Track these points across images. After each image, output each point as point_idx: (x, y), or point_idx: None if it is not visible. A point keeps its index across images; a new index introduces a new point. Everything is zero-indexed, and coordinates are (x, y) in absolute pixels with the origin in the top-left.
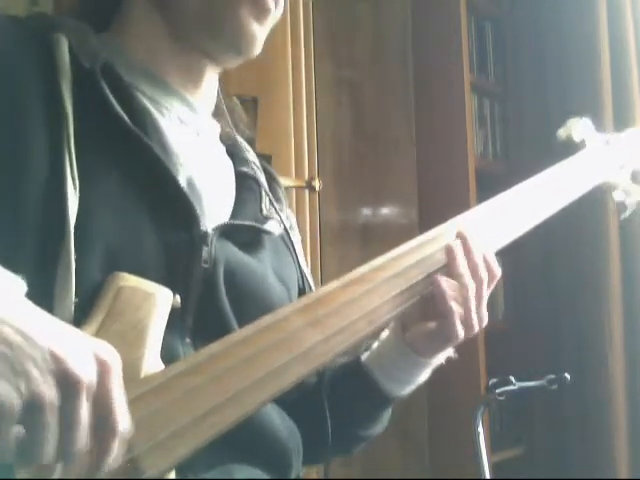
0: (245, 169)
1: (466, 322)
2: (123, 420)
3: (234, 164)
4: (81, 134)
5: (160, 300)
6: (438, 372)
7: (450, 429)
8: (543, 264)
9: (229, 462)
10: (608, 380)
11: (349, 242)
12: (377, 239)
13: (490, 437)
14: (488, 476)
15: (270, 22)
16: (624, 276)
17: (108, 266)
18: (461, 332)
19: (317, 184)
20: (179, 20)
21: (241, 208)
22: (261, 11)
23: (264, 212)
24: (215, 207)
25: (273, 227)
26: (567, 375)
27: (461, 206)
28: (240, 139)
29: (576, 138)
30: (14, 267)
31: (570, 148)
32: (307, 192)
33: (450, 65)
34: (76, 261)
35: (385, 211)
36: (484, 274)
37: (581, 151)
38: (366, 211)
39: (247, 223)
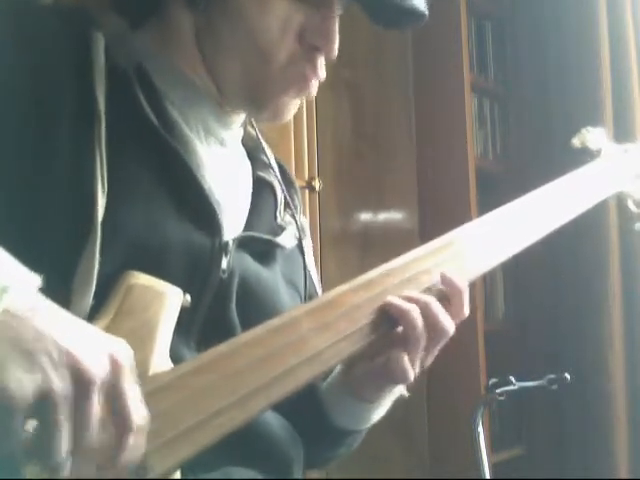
0: (263, 174)
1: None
2: (137, 416)
3: (253, 167)
4: (111, 133)
5: (170, 299)
6: (438, 372)
7: (450, 429)
8: (543, 264)
9: (228, 464)
10: (608, 380)
11: (349, 242)
12: (377, 239)
13: (490, 437)
14: (488, 476)
15: None
16: (624, 276)
17: (128, 265)
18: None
19: (317, 184)
20: (219, 77)
21: (257, 216)
22: (305, 93)
23: (279, 220)
24: (232, 215)
25: (288, 240)
26: (567, 375)
27: (461, 206)
28: (263, 142)
29: (592, 147)
30: (33, 259)
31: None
32: (307, 192)
33: (450, 65)
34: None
35: (385, 211)
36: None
37: (597, 159)
38: (366, 211)
39: (264, 237)
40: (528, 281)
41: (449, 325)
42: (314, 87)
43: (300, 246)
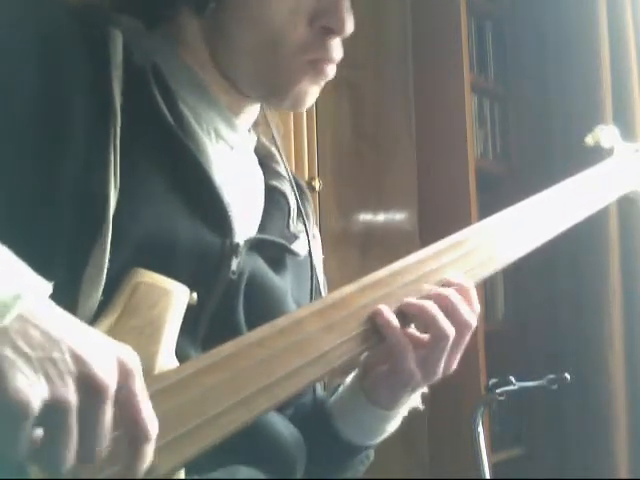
0: (275, 183)
1: (427, 367)
2: (152, 423)
3: (265, 176)
4: (125, 130)
5: (177, 297)
6: None
7: (450, 429)
8: (543, 264)
9: (232, 463)
10: (608, 380)
11: (349, 241)
12: (377, 239)
13: (490, 437)
14: (488, 476)
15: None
16: (624, 276)
17: (137, 261)
18: (418, 376)
19: (317, 184)
20: (233, 74)
21: (269, 222)
22: (322, 78)
23: (291, 228)
24: (243, 217)
25: (300, 248)
26: (567, 375)
27: (461, 206)
28: (275, 151)
29: (605, 145)
30: (43, 256)
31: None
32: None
33: (450, 65)
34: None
35: (385, 211)
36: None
37: (609, 158)
38: (366, 211)
39: (277, 240)
40: (528, 281)
41: (470, 316)
42: (331, 70)
43: (310, 256)
